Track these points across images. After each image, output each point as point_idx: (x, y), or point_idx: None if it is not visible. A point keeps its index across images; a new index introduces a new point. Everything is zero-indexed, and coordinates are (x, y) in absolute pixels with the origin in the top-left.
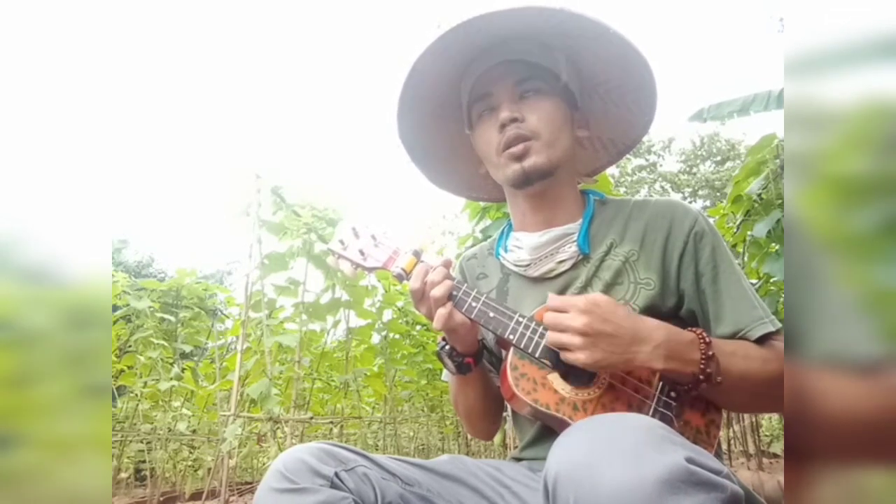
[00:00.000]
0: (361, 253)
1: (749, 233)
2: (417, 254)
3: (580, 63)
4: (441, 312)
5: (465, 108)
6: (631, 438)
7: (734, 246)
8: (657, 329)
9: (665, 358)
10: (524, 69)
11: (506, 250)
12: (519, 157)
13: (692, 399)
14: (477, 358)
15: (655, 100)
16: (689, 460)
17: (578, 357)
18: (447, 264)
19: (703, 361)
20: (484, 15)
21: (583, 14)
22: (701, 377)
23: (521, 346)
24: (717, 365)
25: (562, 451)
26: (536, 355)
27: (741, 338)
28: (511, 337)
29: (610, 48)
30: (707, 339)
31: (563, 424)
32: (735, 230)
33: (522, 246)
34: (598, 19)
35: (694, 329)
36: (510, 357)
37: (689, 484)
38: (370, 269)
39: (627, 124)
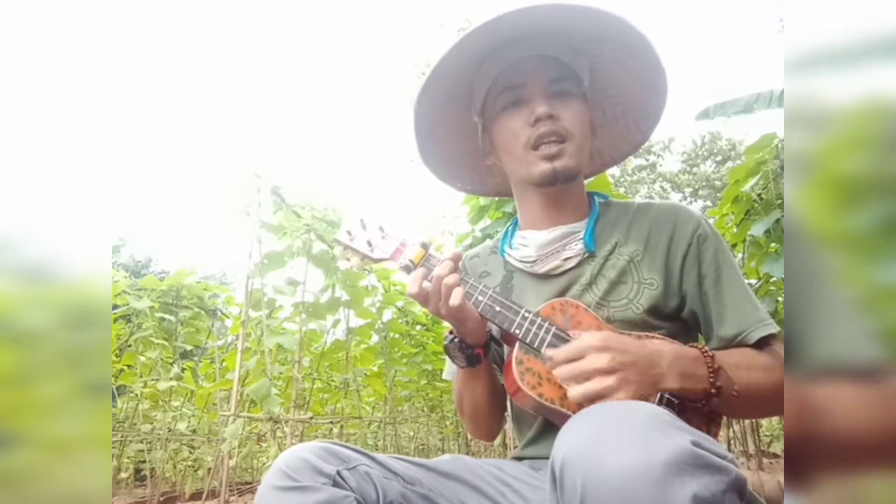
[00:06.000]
0: (369, 244)
1: (749, 233)
2: (426, 246)
3: (599, 72)
4: (457, 291)
5: (482, 94)
6: (637, 423)
7: (733, 246)
8: (663, 346)
9: (679, 376)
10: (558, 68)
11: (511, 248)
12: (551, 158)
13: None
14: (485, 349)
15: (656, 124)
16: (696, 444)
17: (620, 398)
18: (456, 258)
19: (711, 376)
20: (546, 6)
21: (642, 33)
22: (712, 391)
23: (528, 341)
24: (726, 378)
25: (569, 436)
26: (542, 350)
27: (742, 340)
28: (517, 332)
29: (638, 67)
30: (710, 353)
31: (567, 419)
32: (734, 230)
33: (528, 244)
34: (651, 40)
35: (695, 345)
36: (515, 352)
37: (696, 467)
38: (377, 261)
39: (621, 139)
